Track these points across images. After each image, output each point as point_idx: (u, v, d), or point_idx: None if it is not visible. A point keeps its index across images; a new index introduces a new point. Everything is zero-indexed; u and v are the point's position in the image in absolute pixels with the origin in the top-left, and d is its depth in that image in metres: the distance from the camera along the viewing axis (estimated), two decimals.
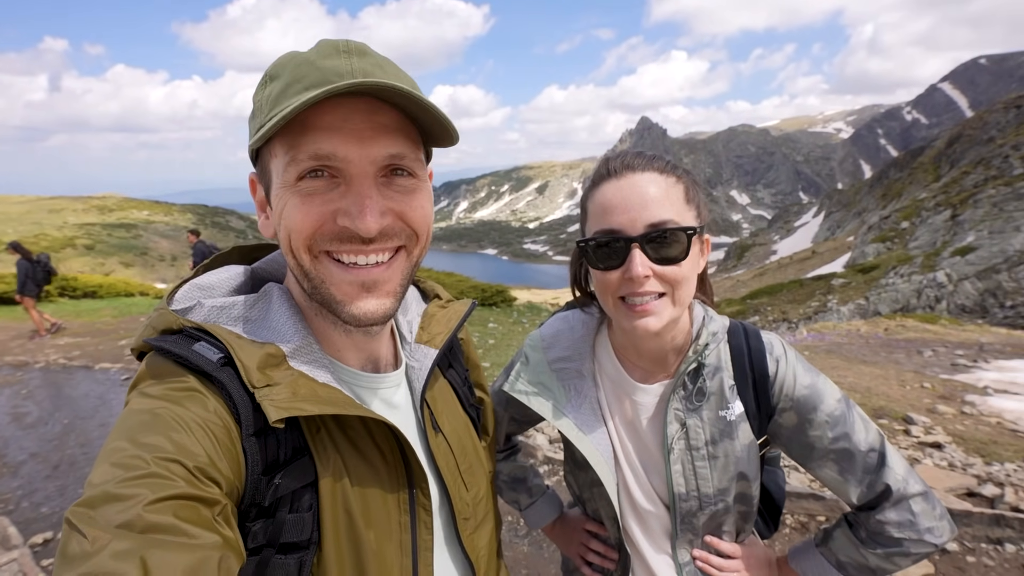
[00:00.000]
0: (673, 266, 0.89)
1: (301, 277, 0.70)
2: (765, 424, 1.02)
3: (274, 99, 0.65)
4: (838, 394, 0.99)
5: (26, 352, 8.98)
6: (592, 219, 0.96)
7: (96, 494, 0.50)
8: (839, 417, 0.97)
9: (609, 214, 0.91)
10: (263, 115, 0.65)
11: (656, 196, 0.89)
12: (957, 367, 7.76)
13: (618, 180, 0.92)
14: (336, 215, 0.66)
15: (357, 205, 0.65)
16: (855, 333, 11.55)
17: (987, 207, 32.04)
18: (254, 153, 0.71)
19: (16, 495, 4.11)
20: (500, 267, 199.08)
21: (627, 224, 0.89)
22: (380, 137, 0.65)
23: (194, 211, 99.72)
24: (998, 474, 3.89)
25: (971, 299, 16.86)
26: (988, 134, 52.12)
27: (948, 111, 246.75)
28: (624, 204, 0.90)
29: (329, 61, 0.64)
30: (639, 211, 0.89)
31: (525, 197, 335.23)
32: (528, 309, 15.44)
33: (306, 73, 0.63)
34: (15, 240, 10.66)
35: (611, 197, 0.92)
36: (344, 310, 0.69)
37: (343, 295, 0.69)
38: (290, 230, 0.66)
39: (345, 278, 0.68)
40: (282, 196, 0.67)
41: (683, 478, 1.00)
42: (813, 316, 21.80)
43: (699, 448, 1.00)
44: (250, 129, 0.70)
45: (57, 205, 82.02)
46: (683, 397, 1.00)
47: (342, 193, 0.66)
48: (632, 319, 0.91)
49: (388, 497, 0.72)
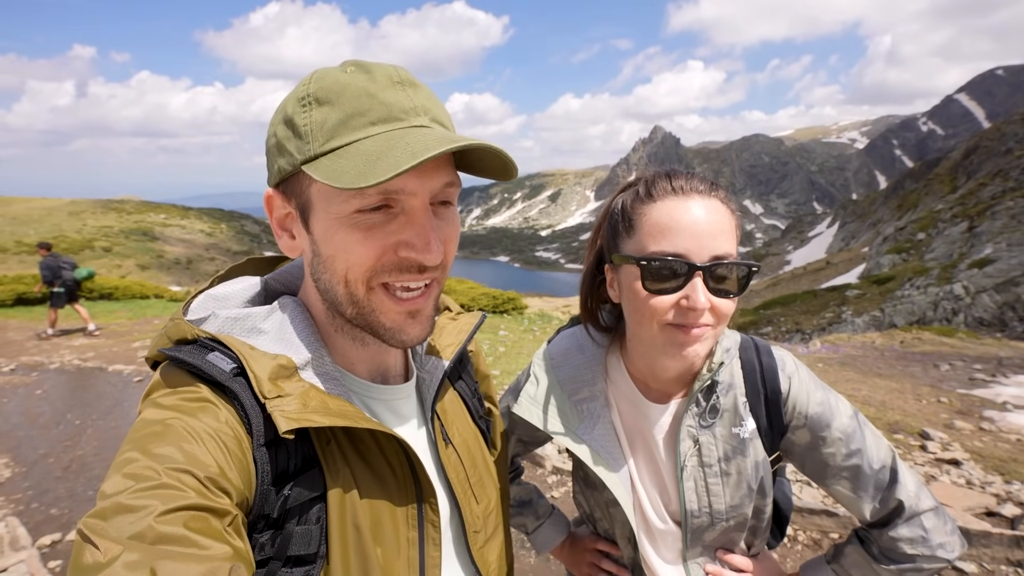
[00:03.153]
0: (727, 300, 0.87)
1: (348, 304, 0.70)
2: (777, 441, 1.00)
3: (331, 128, 0.64)
4: (850, 410, 0.99)
5: (42, 352, 9.13)
6: (648, 236, 0.89)
7: (108, 505, 0.50)
8: (851, 434, 0.96)
9: (675, 236, 0.86)
10: (318, 143, 0.64)
11: (722, 227, 0.87)
12: (975, 382, 7.60)
13: (685, 201, 0.87)
14: (398, 247, 0.66)
15: (422, 238, 0.66)
16: (870, 345, 11.38)
17: (1005, 219, 31.53)
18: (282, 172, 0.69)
19: (27, 495, 4.15)
20: (512, 274, 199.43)
21: (694, 250, 0.85)
22: (439, 167, 0.67)
23: (210, 215, 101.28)
24: (1018, 493, 3.79)
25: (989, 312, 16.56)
26: (1006, 145, 51.37)
27: (964, 122, 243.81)
28: (693, 229, 0.85)
29: (390, 95, 0.65)
30: (708, 239, 0.85)
31: (538, 205, 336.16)
32: (539, 317, 15.42)
33: (369, 107, 0.64)
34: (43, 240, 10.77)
35: (679, 218, 0.86)
36: (394, 337, 0.72)
37: (392, 323, 0.71)
38: (350, 263, 0.67)
39: (396, 308, 0.70)
40: (335, 226, 0.66)
41: (695, 495, 0.99)
42: (827, 327, 21.53)
43: (711, 465, 0.99)
44: (287, 148, 0.67)
45: (77, 208, 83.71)
46: (696, 414, 0.99)
47: (402, 224, 0.66)
48: (682, 346, 0.88)
49: (397, 511, 0.72)
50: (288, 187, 0.70)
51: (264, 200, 0.74)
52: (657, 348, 0.92)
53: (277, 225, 0.74)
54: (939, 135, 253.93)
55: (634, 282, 0.90)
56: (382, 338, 0.71)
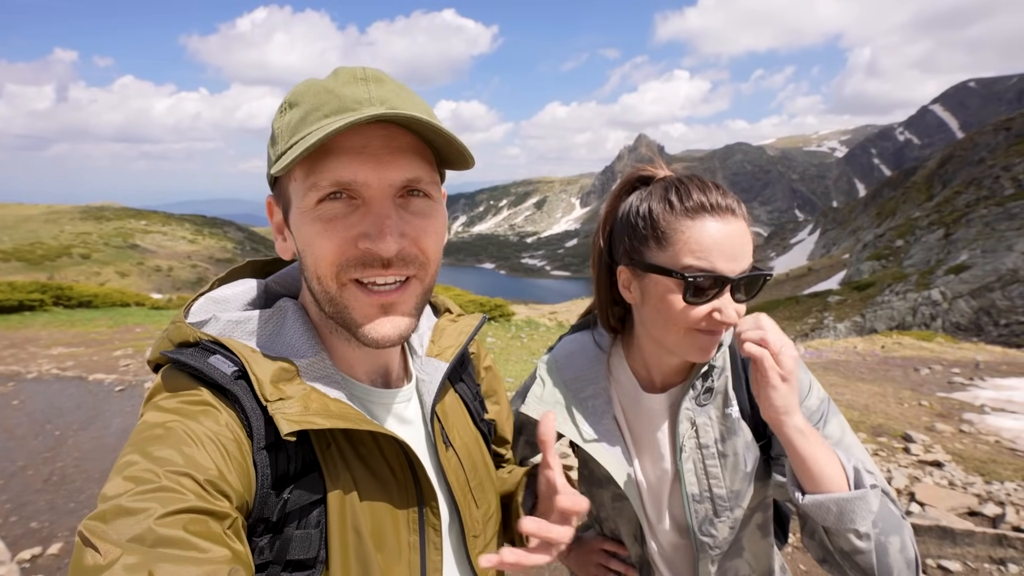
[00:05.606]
0: (742, 305, 0.95)
1: (325, 302, 0.70)
2: (762, 427, 1.03)
3: (294, 126, 0.66)
4: (821, 392, 1.02)
5: (18, 362, 8.90)
6: (688, 252, 0.93)
7: (108, 508, 0.51)
8: (814, 412, 0.98)
9: (715, 256, 0.91)
10: (283, 142, 0.67)
11: (749, 243, 0.94)
12: (954, 385, 7.77)
13: (723, 223, 0.92)
14: (357, 240, 0.66)
15: (376, 226, 0.65)
16: (852, 350, 11.57)
17: (979, 226, 32.36)
18: (272, 177, 0.72)
19: (5, 509, 4.03)
20: (498, 281, 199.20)
21: (729, 268, 0.91)
22: (398, 160, 0.67)
23: (192, 222, 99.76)
24: (998, 493, 3.88)
25: (966, 317, 16.95)
26: (979, 155, 52.83)
27: (939, 132, 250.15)
28: (732, 252, 0.91)
29: (348, 89, 0.65)
30: (740, 261, 0.92)
31: (523, 212, 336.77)
32: (527, 324, 15.41)
33: (325, 101, 0.65)
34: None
35: (720, 240, 0.91)
36: (363, 333, 0.69)
37: (363, 318, 0.69)
38: (316, 257, 0.67)
39: (367, 301, 0.69)
40: (302, 220, 0.68)
41: (695, 477, 1.02)
42: (810, 333, 21.84)
43: (709, 446, 1.01)
44: (269, 155, 0.71)
45: (55, 214, 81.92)
46: (693, 397, 1.03)
47: (361, 215, 0.67)
48: (706, 349, 0.95)
49: (398, 515, 0.72)
50: (276, 191, 0.73)
51: (266, 208, 0.77)
52: (681, 350, 0.97)
53: (275, 230, 0.76)
54: (915, 144, 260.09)
55: (668, 293, 0.94)
56: (355, 336, 0.70)
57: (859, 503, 0.80)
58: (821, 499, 0.82)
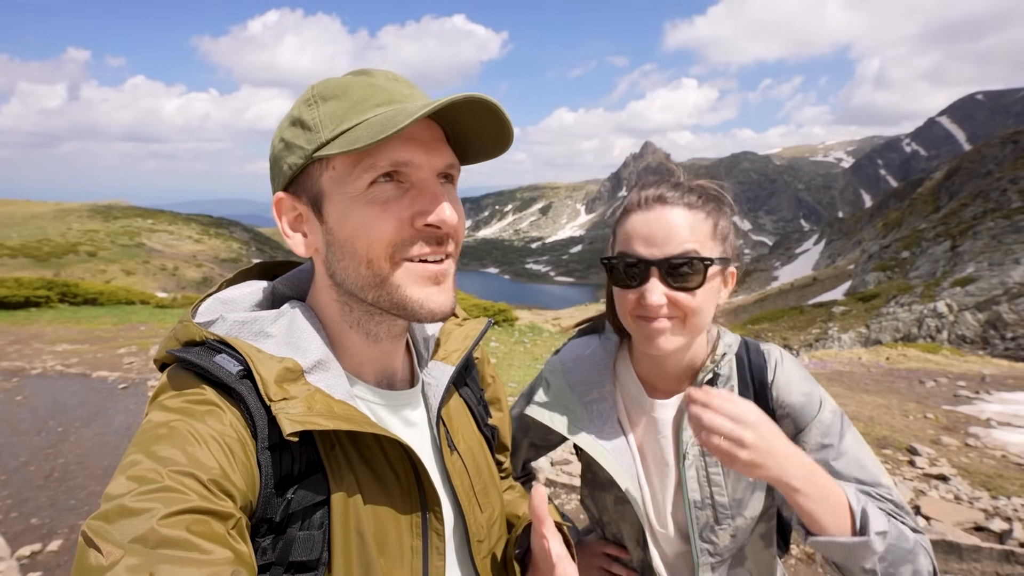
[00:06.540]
0: (687, 294, 0.93)
1: (372, 286, 0.70)
2: None
3: (340, 116, 0.68)
4: (833, 405, 1.01)
5: (23, 358, 8.94)
6: (618, 243, 1.01)
7: (112, 508, 0.51)
8: (828, 427, 0.97)
9: (635, 243, 0.96)
10: (328, 130, 0.67)
11: (681, 230, 0.94)
12: (959, 398, 7.71)
13: (647, 212, 0.97)
14: (413, 219, 0.68)
15: (435, 202, 0.69)
16: (857, 361, 11.51)
17: (986, 239, 32.22)
18: (292, 173, 0.71)
19: (6, 505, 4.04)
20: (502, 286, 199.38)
21: (648, 251, 0.94)
22: (440, 148, 0.72)
23: (199, 221, 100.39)
24: (1005, 508, 3.84)
25: (972, 330, 16.84)
26: (986, 167, 52.64)
27: (946, 144, 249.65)
28: (649, 237, 0.94)
29: (390, 84, 0.71)
30: (661, 245, 0.93)
31: (528, 217, 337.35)
32: (530, 329, 15.41)
33: (372, 94, 0.69)
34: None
35: (638, 227, 0.97)
36: (423, 307, 0.71)
37: (420, 294, 0.71)
38: (371, 240, 0.68)
39: (422, 274, 0.71)
40: (352, 205, 0.68)
41: (697, 484, 1.02)
42: (814, 343, 21.74)
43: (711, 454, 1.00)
44: (296, 145, 0.70)
45: (63, 211, 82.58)
46: None
47: (413, 197, 0.69)
48: (649, 336, 0.96)
49: (401, 519, 0.72)
50: (298, 185, 0.72)
51: (273, 206, 0.74)
52: (638, 343, 1.02)
53: (288, 227, 0.74)
54: (922, 156, 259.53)
55: (611, 285, 1.02)
56: (410, 313, 0.71)
57: (863, 548, 0.80)
58: (824, 542, 0.82)
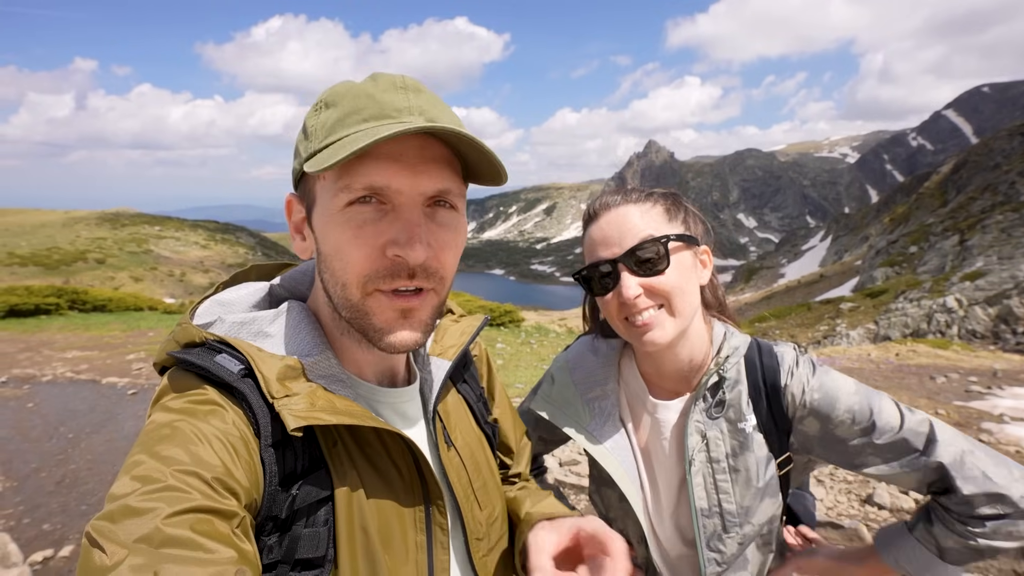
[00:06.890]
0: (658, 276, 0.94)
1: (344, 308, 0.70)
2: (785, 441, 1.01)
3: (330, 126, 0.67)
4: (852, 387, 0.98)
5: (34, 365, 9.02)
6: (586, 258, 1.05)
7: (115, 508, 0.51)
8: (858, 410, 0.95)
9: (596, 250, 0.99)
10: (318, 140, 0.67)
11: (633, 223, 0.96)
12: (971, 394, 7.63)
13: (599, 221, 1.01)
14: (385, 247, 0.66)
15: (406, 233, 0.66)
16: (866, 358, 11.41)
17: (995, 232, 31.90)
18: (298, 174, 0.72)
19: (18, 511, 4.07)
20: (507, 287, 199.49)
21: (608, 255, 0.97)
22: (431, 170, 0.68)
23: (205, 227, 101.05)
24: None
25: (982, 325, 16.67)
26: (994, 160, 52.15)
27: (953, 138, 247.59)
28: (606, 240, 0.98)
29: (388, 95, 0.67)
30: (619, 241, 0.96)
31: (533, 218, 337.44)
32: (536, 330, 15.40)
33: (364, 105, 0.66)
34: None
35: (595, 236, 1.01)
36: (383, 339, 0.70)
37: (383, 324, 0.69)
38: (345, 267, 0.67)
39: (389, 306, 0.69)
40: (330, 222, 0.68)
41: (704, 491, 1.00)
42: (822, 340, 21.59)
43: (719, 460, 1.00)
44: (299, 151, 0.71)
45: (72, 219, 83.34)
46: (703, 409, 1.02)
47: (390, 222, 0.67)
48: (638, 336, 0.96)
49: (404, 514, 0.72)
50: (301, 189, 0.73)
51: (285, 205, 0.77)
52: (632, 341, 1.01)
53: (293, 228, 0.76)
54: (928, 150, 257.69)
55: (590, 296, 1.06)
56: (372, 341, 0.70)
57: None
58: None
